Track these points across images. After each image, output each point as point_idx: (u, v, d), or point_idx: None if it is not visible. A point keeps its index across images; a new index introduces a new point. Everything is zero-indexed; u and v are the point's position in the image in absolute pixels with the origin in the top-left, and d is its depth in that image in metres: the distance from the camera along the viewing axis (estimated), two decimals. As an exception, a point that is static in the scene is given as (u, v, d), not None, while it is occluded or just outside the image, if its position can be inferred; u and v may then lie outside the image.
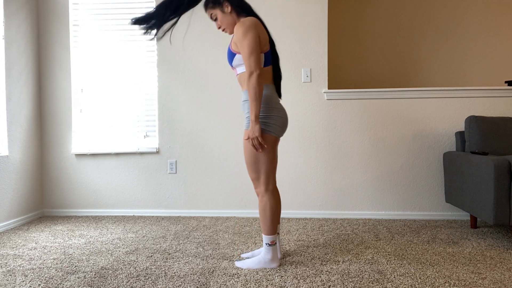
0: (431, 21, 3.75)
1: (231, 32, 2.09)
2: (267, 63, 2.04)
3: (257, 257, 2.12)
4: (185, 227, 2.99)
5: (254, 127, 1.92)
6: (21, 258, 2.32)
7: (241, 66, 2.04)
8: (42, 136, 3.49)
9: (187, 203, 3.42)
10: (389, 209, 3.27)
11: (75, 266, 2.16)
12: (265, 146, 1.99)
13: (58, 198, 3.48)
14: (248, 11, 2.07)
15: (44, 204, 3.50)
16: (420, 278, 1.96)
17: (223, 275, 2.01)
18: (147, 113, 3.45)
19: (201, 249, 2.44)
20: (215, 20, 2.08)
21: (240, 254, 2.34)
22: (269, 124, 2.01)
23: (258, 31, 1.96)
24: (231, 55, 2.04)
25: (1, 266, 2.19)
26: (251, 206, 3.37)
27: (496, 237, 2.67)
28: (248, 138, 1.96)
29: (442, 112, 3.23)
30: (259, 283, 1.91)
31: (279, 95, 2.16)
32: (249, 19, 1.98)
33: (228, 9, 2.04)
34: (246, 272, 2.05)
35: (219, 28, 2.10)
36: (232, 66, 2.09)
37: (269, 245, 2.09)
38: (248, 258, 2.27)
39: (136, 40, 3.43)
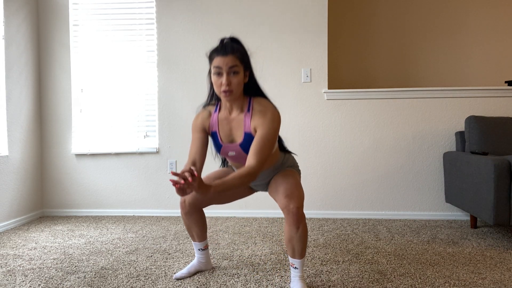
0: (431, 21, 3.75)
1: (231, 99, 1.76)
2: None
3: None
4: (185, 227, 2.99)
5: (207, 190, 1.54)
6: (21, 258, 2.32)
7: None
8: (42, 136, 3.49)
9: (187, 203, 3.41)
10: (389, 209, 3.27)
11: (75, 266, 2.16)
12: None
13: (58, 198, 3.48)
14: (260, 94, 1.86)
15: (44, 204, 3.50)
16: (420, 278, 1.96)
17: (223, 275, 2.01)
18: (147, 113, 3.45)
19: (201, 249, 2.44)
20: (233, 73, 1.71)
21: (174, 274, 2.02)
22: (298, 168, 2.01)
23: None
24: (251, 140, 1.77)
25: (1, 266, 2.19)
26: (251, 206, 3.36)
27: (496, 237, 2.67)
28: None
29: (442, 112, 3.23)
30: (259, 283, 1.91)
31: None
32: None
33: (246, 79, 1.80)
34: (246, 272, 2.05)
35: (227, 84, 1.70)
36: (247, 153, 1.80)
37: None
38: (184, 275, 1.98)
39: (136, 40, 3.43)
